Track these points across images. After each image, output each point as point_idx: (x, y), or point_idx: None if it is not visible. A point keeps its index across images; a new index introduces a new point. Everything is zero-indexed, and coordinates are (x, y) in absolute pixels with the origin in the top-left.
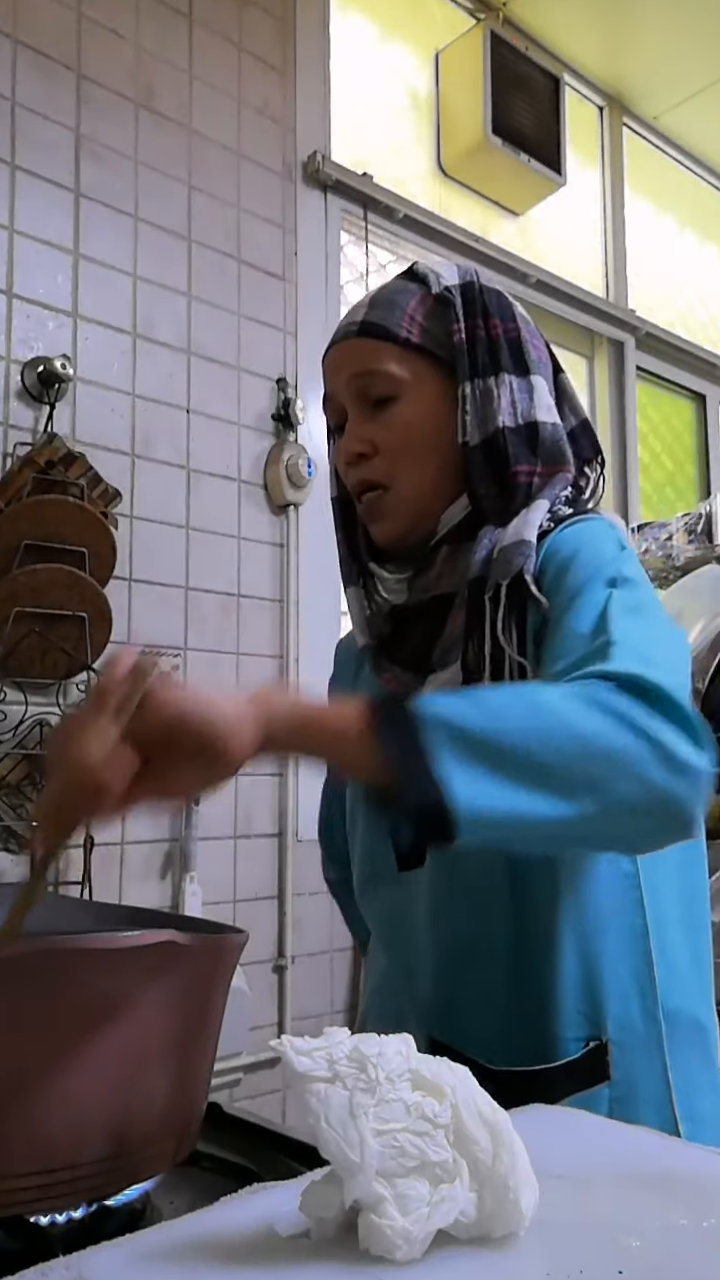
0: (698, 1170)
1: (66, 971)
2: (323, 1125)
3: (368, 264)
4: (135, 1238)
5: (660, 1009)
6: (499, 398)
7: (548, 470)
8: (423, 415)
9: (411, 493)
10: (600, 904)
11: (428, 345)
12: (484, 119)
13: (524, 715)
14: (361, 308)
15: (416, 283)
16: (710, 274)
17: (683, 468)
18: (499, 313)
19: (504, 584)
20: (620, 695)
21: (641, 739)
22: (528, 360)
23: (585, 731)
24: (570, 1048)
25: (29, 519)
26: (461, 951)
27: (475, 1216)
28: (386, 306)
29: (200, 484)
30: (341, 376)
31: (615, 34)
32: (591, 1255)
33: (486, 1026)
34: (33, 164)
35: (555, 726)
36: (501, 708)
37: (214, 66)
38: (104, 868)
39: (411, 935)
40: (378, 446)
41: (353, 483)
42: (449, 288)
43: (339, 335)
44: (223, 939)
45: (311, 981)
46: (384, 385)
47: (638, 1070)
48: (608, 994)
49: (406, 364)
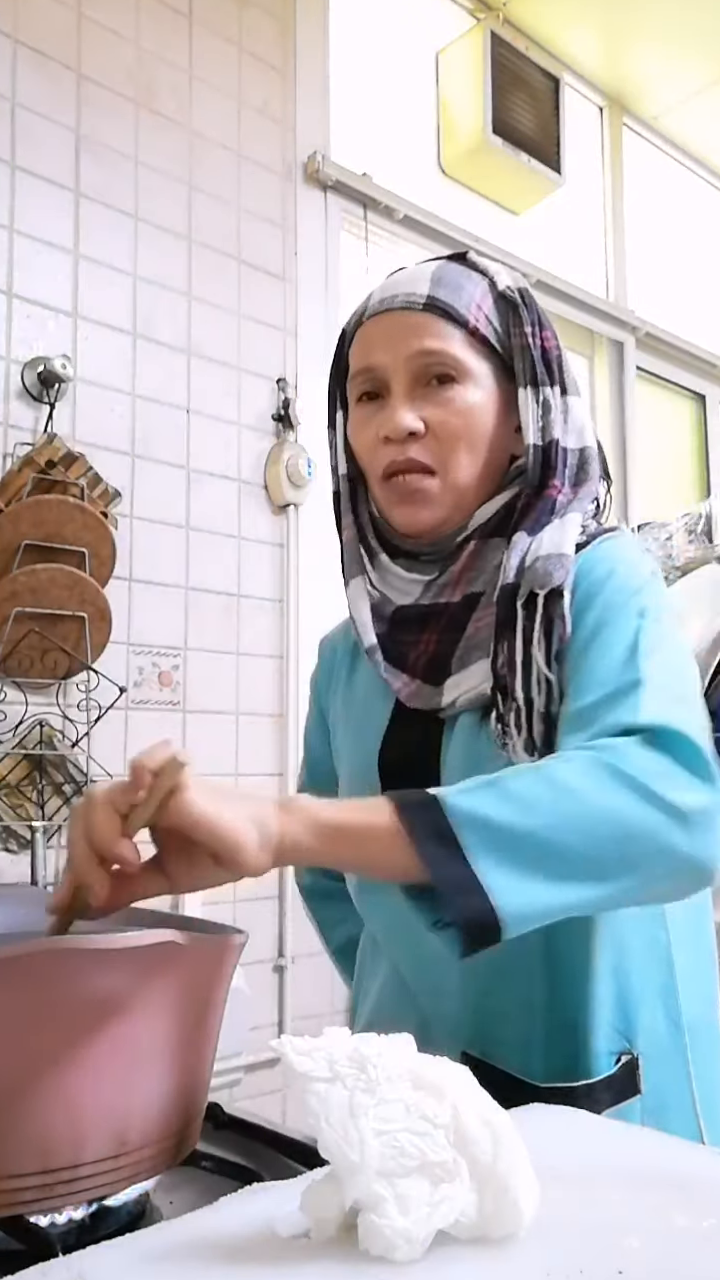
0: (698, 1170)
1: (66, 971)
2: (323, 1125)
3: (368, 264)
4: (135, 1238)
5: (684, 1020)
6: (554, 410)
7: (573, 491)
8: (483, 406)
9: (459, 481)
10: (628, 917)
11: (491, 339)
12: (484, 119)
13: (552, 804)
14: (423, 280)
15: (478, 273)
16: (710, 274)
17: (683, 468)
18: (548, 325)
19: (541, 594)
20: (639, 759)
21: (662, 810)
22: (567, 379)
23: (611, 812)
24: (605, 1062)
25: (29, 519)
26: (496, 968)
27: (475, 1216)
28: (453, 289)
29: (200, 484)
30: (396, 349)
31: (615, 34)
32: (591, 1255)
33: (523, 1042)
34: (33, 164)
35: (583, 812)
36: (530, 799)
37: (214, 66)
38: None
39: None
40: (432, 427)
41: (392, 459)
42: (510, 288)
43: (393, 304)
44: (223, 939)
45: (311, 981)
46: (449, 366)
47: (665, 1081)
48: (638, 1007)
49: (471, 354)
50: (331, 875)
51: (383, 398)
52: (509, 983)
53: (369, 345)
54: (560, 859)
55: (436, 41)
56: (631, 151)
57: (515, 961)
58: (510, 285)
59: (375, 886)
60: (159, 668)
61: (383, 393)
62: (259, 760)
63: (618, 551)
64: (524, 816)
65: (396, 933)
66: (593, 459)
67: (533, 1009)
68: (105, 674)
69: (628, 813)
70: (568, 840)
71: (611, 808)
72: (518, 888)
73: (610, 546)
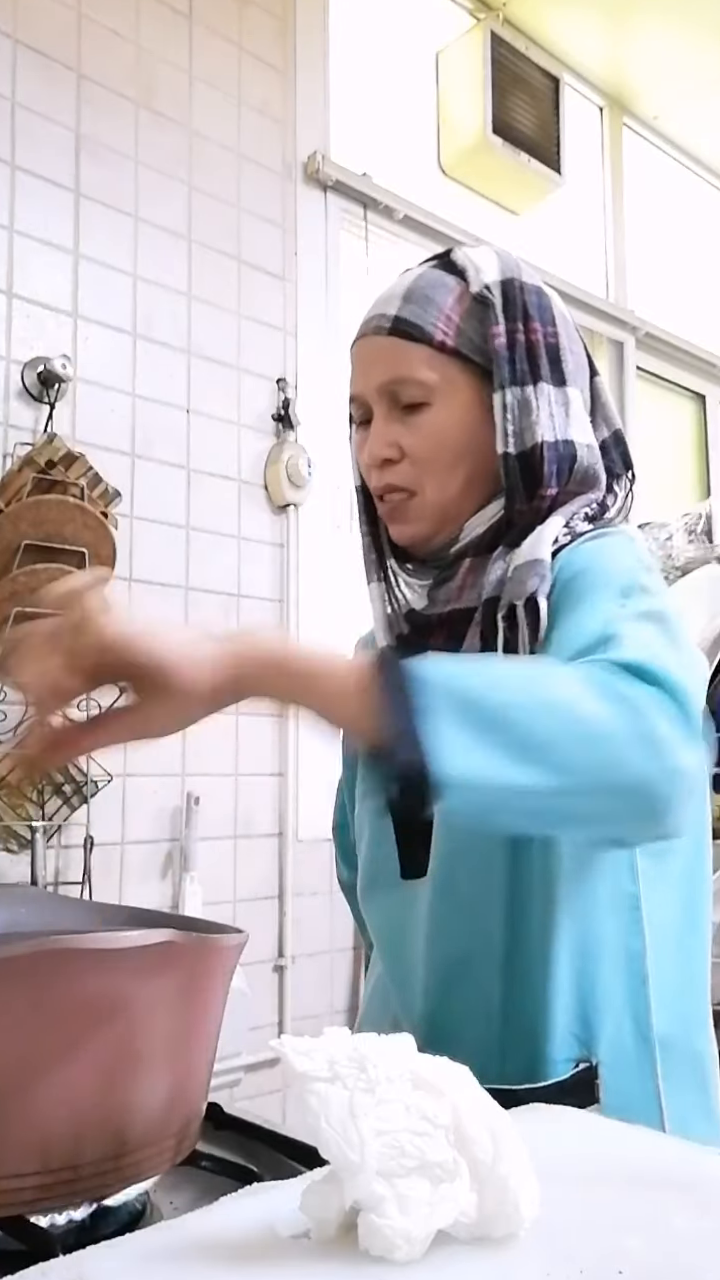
0: (698, 1170)
1: (66, 971)
2: (323, 1125)
3: (368, 264)
4: (135, 1238)
5: (654, 1033)
6: (538, 409)
7: (571, 494)
8: (454, 423)
9: (438, 498)
10: (599, 925)
11: (463, 349)
12: (484, 119)
13: (523, 687)
14: (394, 299)
15: (454, 275)
16: (710, 274)
17: (683, 468)
18: (539, 315)
19: (519, 604)
20: (622, 677)
21: (632, 721)
22: (564, 370)
23: (579, 710)
24: (560, 1068)
25: (29, 519)
26: (455, 967)
27: (475, 1216)
28: (421, 302)
29: (200, 484)
30: (370, 378)
31: (615, 34)
32: (591, 1255)
33: (478, 1043)
34: (33, 164)
35: (550, 701)
36: (503, 677)
37: (214, 66)
38: (104, 868)
39: (408, 945)
40: (405, 451)
41: (377, 486)
42: (488, 285)
43: (368, 328)
44: (223, 939)
45: (311, 981)
46: (415, 391)
47: (629, 1093)
48: (600, 1016)
49: (439, 368)
50: None
51: (371, 421)
52: (469, 984)
53: (354, 371)
54: (514, 736)
55: (436, 41)
56: (631, 151)
57: (475, 964)
58: (490, 283)
59: (378, 886)
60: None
61: (370, 417)
62: (259, 760)
63: (601, 547)
64: (489, 689)
65: (386, 933)
66: (586, 452)
67: (490, 1012)
68: None
69: (600, 718)
70: (528, 721)
71: (585, 709)
72: (462, 750)
73: (594, 544)
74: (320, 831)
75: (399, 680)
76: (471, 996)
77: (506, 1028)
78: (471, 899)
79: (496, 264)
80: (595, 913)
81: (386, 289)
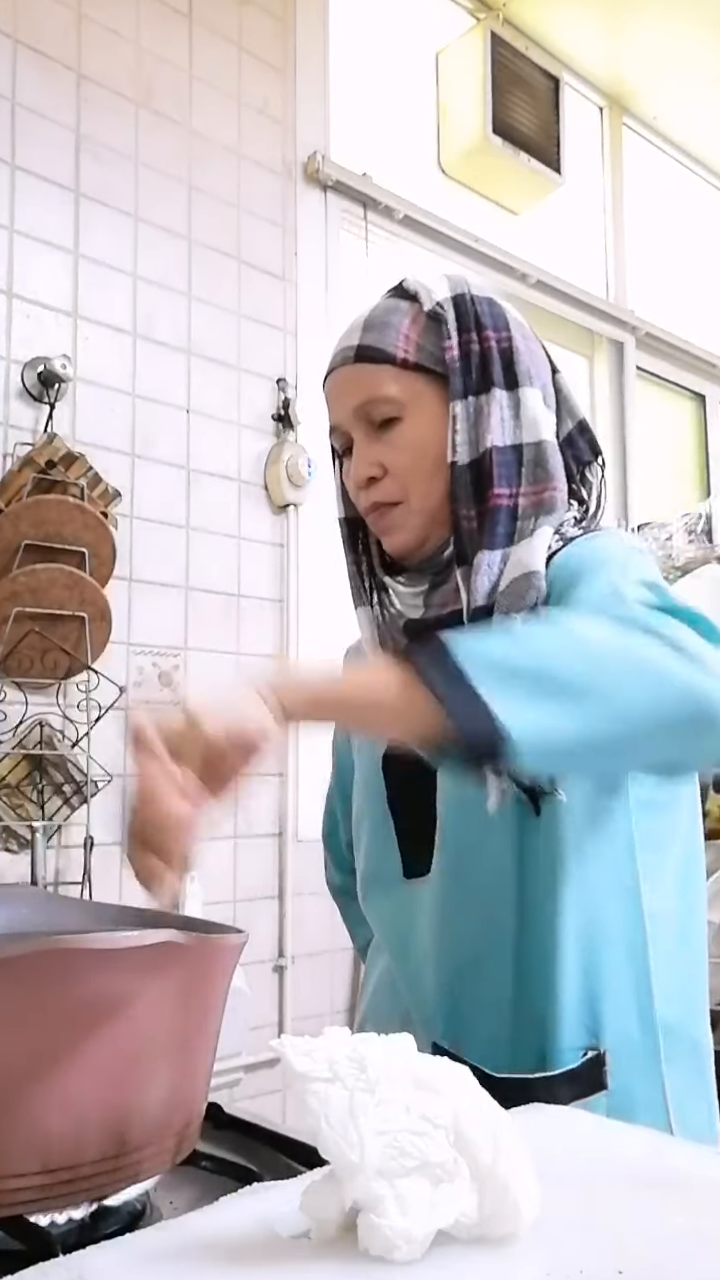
0: (698, 1170)
1: (66, 971)
2: (323, 1125)
3: (368, 264)
4: (135, 1238)
5: (657, 1022)
6: (489, 416)
7: (533, 490)
8: (426, 433)
9: (423, 505)
10: (603, 916)
11: (424, 362)
12: (484, 119)
13: (551, 639)
14: (355, 331)
15: (407, 300)
16: (710, 274)
17: (683, 468)
18: (492, 323)
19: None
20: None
21: (664, 644)
22: (518, 372)
23: (613, 646)
24: (569, 1057)
25: (29, 519)
26: (467, 960)
27: (475, 1216)
28: (380, 328)
29: (200, 484)
30: (344, 406)
31: (615, 34)
32: (591, 1255)
33: (490, 1034)
34: (33, 164)
35: (583, 645)
36: (529, 635)
37: (214, 66)
38: (104, 868)
39: (416, 940)
40: (387, 468)
41: (365, 504)
42: (440, 303)
43: (336, 361)
44: (223, 939)
45: (311, 981)
46: (386, 408)
47: (634, 1080)
48: (607, 1005)
49: (405, 384)
50: None
51: (350, 449)
52: (480, 977)
53: (329, 404)
54: (561, 685)
55: (436, 41)
56: (631, 151)
57: (486, 958)
58: (442, 300)
59: (380, 885)
60: (159, 668)
61: (350, 445)
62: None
63: (594, 545)
64: (523, 650)
65: (391, 931)
66: (548, 450)
67: (501, 1005)
68: (105, 674)
69: (633, 647)
70: (569, 669)
71: (617, 643)
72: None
73: (586, 544)
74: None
75: (438, 664)
76: (484, 991)
77: (518, 1019)
78: (480, 896)
79: (446, 283)
80: (600, 904)
81: (348, 324)
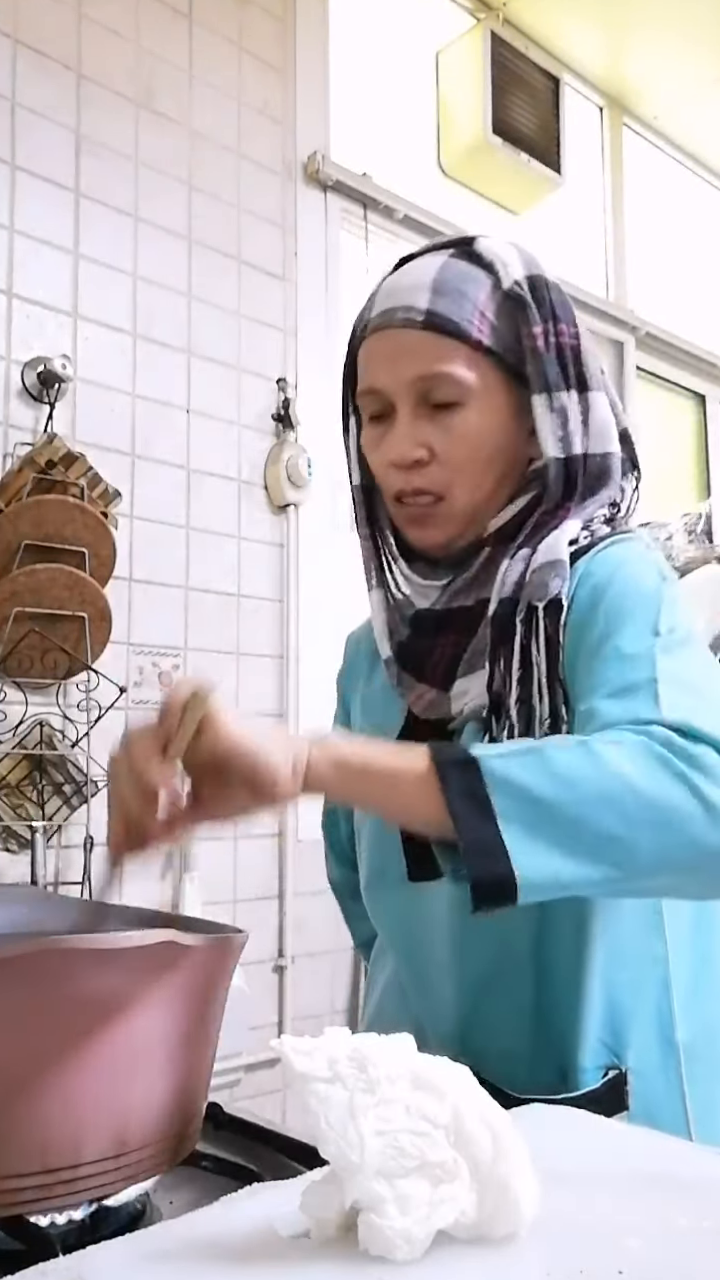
0: (698, 1170)
1: (67, 971)
2: (323, 1125)
3: (368, 264)
4: (135, 1238)
5: (679, 1041)
6: (571, 418)
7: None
8: (489, 426)
9: (468, 503)
10: (624, 930)
11: (496, 348)
12: (484, 119)
13: (595, 783)
14: (421, 290)
15: (483, 270)
16: (710, 274)
17: (683, 468)
18: (564, 315)
19: (540, 607)
20: (671, 747)
21: (690, 798)
22: (588, 374)
23: (640, 797)
24: (591, 1076)
25: (29, 519)
26: (486, 976)
27: (475, 1216)
28: (454, 297)
29: (200, 484)
30: (396, 373)
31: (615, 34)
32: (591, 1255)
33: (509, 1052)
34: (33, 164)
35: (611, 792)
36: (572, 774)
37: (214, 66)
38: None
39: (427, 943)
40: (436, 454)
41: (402, 487)
42: (519, 282)
43: (392, 319)
44: (223, 939)
45: (311, 981)
46: (451, 390)
47: (656, 1098)
48: (629, 1022)
49: (476, 368)
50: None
51: (390, 418)
52: (500, 994)
53: (372, 364)
54: (593, 838)
55: (436, 41)
56: (631, 151)
57: (507, 973)
58: (519, 279)
59: (384, 885)
60: (159, 668)
61: (389, 413)
62: None
63: (623, 556)
64: (562, 791)
65: (399, 935)
66: (614, 462)
67: (522, 1021)
68: (105, 674)
69: (659, 801)
70: (603, 821)
71: (645, 795)
72: (540, 857)
73: (615, 552)
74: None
75: (467, 788)
76: (503, 1007)
77: (538, 1036)
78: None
79: (519, 258)
80: (620, 917)
81: (404, 278)
